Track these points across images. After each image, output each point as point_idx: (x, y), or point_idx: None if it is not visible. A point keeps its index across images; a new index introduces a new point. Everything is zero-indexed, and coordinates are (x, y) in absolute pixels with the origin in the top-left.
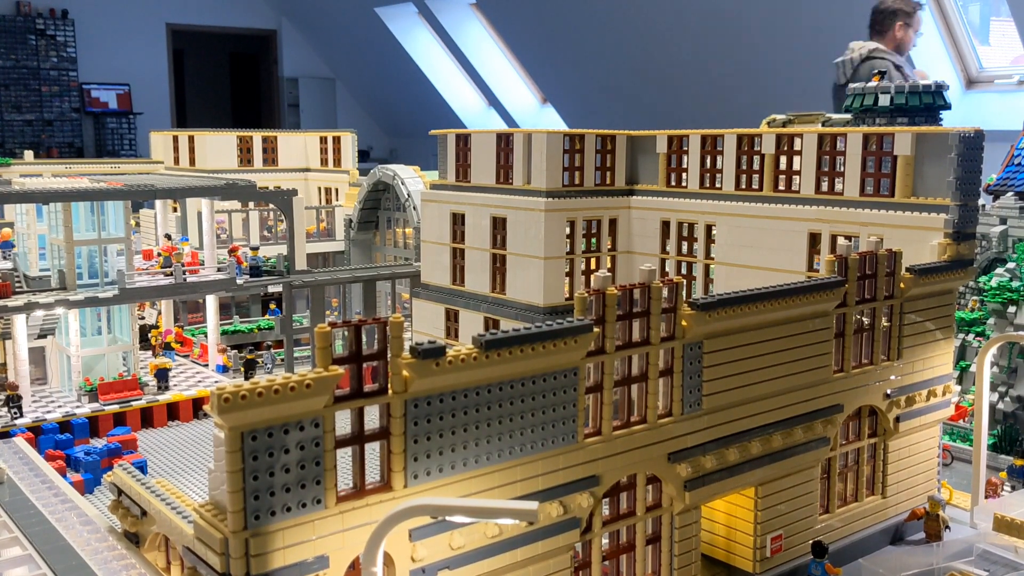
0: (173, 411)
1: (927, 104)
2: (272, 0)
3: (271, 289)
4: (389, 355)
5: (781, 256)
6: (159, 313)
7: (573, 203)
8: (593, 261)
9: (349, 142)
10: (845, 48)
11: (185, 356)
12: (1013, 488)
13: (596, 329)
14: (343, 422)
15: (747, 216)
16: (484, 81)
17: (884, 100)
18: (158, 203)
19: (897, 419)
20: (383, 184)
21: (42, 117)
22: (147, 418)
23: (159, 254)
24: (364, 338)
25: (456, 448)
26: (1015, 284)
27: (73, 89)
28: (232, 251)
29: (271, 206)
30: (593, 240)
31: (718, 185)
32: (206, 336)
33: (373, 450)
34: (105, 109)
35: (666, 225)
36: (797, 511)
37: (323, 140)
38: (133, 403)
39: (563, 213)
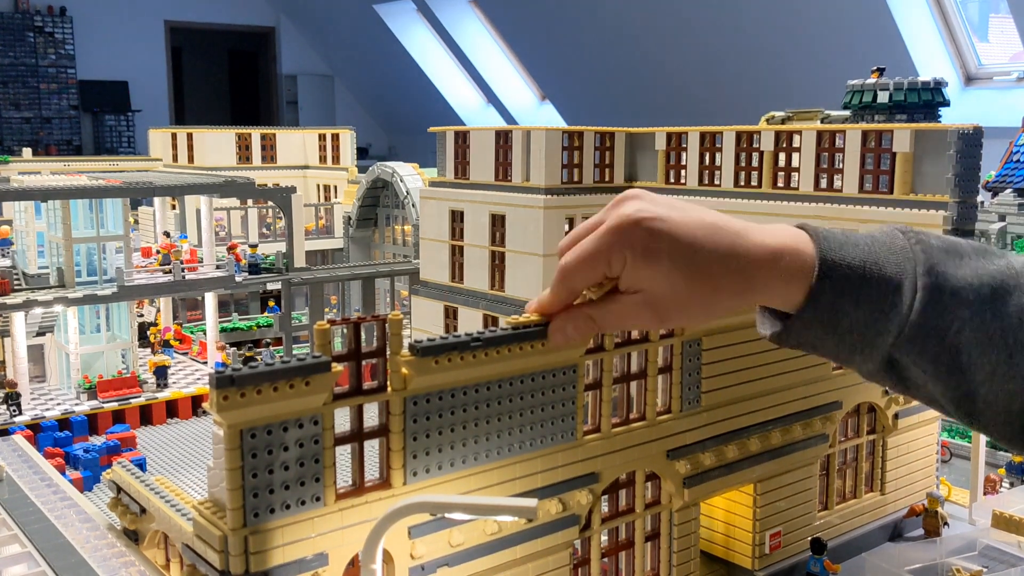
0: (172, 408)
1: (926, 101)
2: None
3: (270, 286)
4: (388, 352)
5: None
6: (158, 311)
7: (572, 200)
8: None
9: (348, 139)
10: (842, 44)
11: (184, 354)
12: (1012, 485)
13: None
14: (342, 420)
15: (746, 213)
16: (483, 78)
17: (883, 97)
18: (157, 200)
19: (896, 416)
20: (382, 181)
21: (40, 114)
22: (146, 415)
23: (158, 251)
24: (363, 335)
25: (455, 445)
26: None
27: (71, 86)
28: (231, 248)
29: (270, 203)
30: None
31: (717, 182)
32: (205, 334)
33: (372, 448)
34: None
35: None
36: (796, 508)
37: (322, 137)
38: (132, 400)
39: (562, 210)
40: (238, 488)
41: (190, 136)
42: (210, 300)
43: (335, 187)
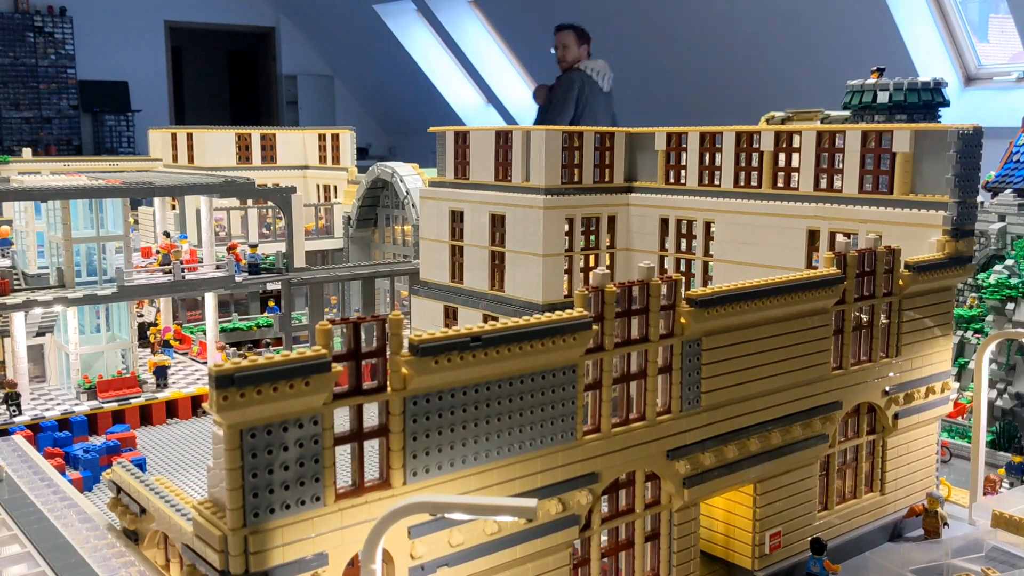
0: (172, 409)
1: (926, 101)
2: None
3: (270, 287)
4: (388, 352)
5: (780, 253)
6: (158, 311)
7: (572, 200)
8: (592, 258)
9: (348, 139)
10: (842, 44)
11: (184, 354)
12: (1011, 485)
13: (595, 326)
14: (342, 420)
15: (746, 213)
16: (483, 78)
17: (883, 97)
18: (156, 201)
19: (896, 416)
20: (382, 181)
21: (40, 114)
22: (146, 416)
23: (158, 252)
24: (363, 335)
25: (455, 445)
26: (1013, 281)
27: (71, 86)
28: (231, 248)
29: (270, 203)
30: (592, 237)
31: (717, 182)
32: (205, 334)
33: (372, 447)
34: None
35: (665, 222)
36: (796, 508)
37: (322, 137)
38: (132, 401)
39: (562, 210)
40: (238, 488)
41: (190, 136)
42: (210, 300)
43: (335, 187)
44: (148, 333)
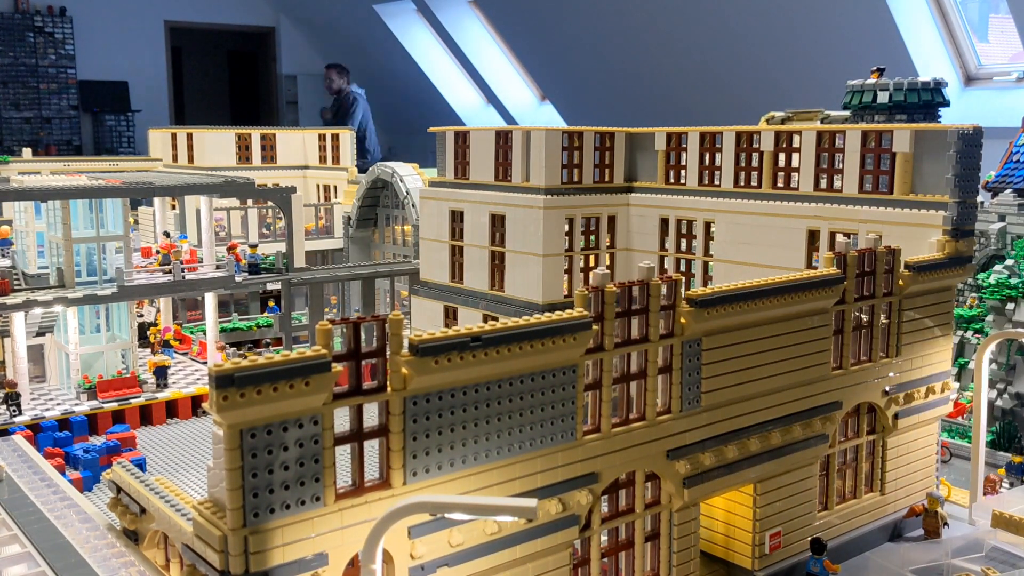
0: (172, 409)
1: (926, 101)
2: None
3: (270, 287)
4: (388, 352)
5: (780, 253)
6: (158, 311)
7: (572, 200)
8: (592, 258)
9: (348, 139)
10: (842, 44)
11: (184, 354)
12: (1011, 485)
13: (595, 326)
14: (342, 420)
15: (746, 213)
16: (483, 78)
17: (883, 97)
18: (156, 201)
19: (896, 416)
20: (382, 181)
21: (40, 115)
22: (146, 416)
23: (158, 252)
24: (363, 335)
25: (455, 445)
26: (1013, 281)
27: (71, 86)
28: (231, 249)
29: (270, 203)
30: (592, 237)
31: (717, 182)
32: (205, 334)
33: (372, 448)
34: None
35: (665, 222)
36: (796, 508)
37: (322, 137)
38: (132, 401)
39: (562, 210)
40: (238, 488)
41: (190, 136)
42: (210, 300)
43: (335, 187)
44: (148, 333)
